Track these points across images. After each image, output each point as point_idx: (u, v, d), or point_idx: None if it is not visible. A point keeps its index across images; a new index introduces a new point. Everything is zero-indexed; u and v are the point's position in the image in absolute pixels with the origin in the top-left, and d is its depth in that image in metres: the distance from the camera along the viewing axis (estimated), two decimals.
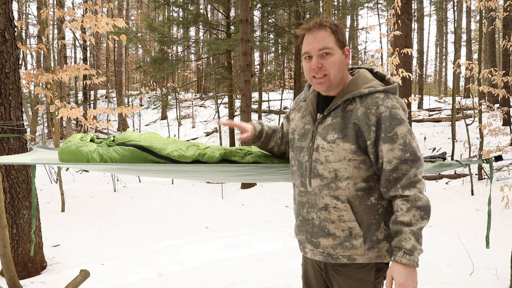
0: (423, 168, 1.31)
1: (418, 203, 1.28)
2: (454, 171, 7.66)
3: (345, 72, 1.41)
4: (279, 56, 17.39)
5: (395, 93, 1.38)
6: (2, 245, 2.68)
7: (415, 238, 1.26)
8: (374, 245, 1.36)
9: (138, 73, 21.70)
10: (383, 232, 1.37)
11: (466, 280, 3.15)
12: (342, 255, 1.38)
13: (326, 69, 1.35)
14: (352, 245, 1.36)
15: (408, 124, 1.33)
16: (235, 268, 3.49)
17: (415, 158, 1.30)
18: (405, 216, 1.27)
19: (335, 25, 1.37)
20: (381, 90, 1.34)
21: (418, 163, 1.30)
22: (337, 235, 1.37)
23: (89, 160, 1.69)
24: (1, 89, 3.11)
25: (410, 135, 1.31)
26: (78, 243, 4.28)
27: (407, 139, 1.30)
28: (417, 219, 1.27)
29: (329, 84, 1.37)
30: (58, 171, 5.97)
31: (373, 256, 1.37)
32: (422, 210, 1.28)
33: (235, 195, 6.91)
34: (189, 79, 24.64)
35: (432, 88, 28.28)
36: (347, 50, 1.39)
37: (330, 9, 4.98)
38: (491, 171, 1.91)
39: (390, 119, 1.30)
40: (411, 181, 1.29)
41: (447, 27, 24.73)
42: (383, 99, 1.32)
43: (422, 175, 1.31)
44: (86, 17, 5.02)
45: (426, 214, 1.28)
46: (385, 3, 15.56)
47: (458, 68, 6.85)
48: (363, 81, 1.38)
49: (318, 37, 1.34)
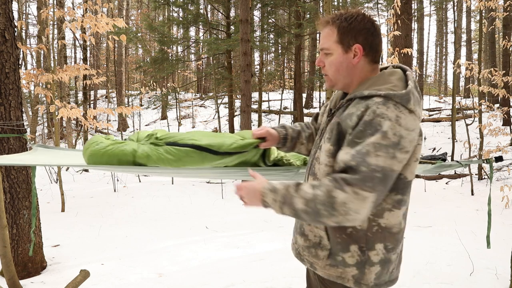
0: (368, 194, 1.04)
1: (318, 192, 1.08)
2: (454, 171, 7.67)
3: (358, 71, 1.26)
4: (279, 56, 17.39)
5: (403, 103, 1.12)
6: (2, 245, 2.68)
7: (285, 192, 1.12)
8: (338, 264, 1.23)
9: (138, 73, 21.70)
10: (355, 257, 1.21)
11: (466, 280, 3.15)
12: (307, 259, 1.33)
13: (326, 69, 1.30)
14: (317, 254, 1.28)
15: (389, 142, 1.07)
16: (235, 268, 3.49)
17: (358, 170, 1.05)
18: (306, 184, 1.13)
19: (345, 20, 1.23)
20: (381, 94, 1.14)
21: (360, 180, 1.04)
22: (309, 238, 1.31)
23: (134, 161, 1.52)
24: (1, 89, 3.11)
25: (375, 149, 1.06)
26: (78, 243, 4.28)
27: (366, 149, 1.06)
28: (305, 197, 1.09)
29: (331, 83, 1.31)
30: (58, 171, 5.97)
31: (333, 274, 1.25)
32: (314, 202, 1.08)
33: (235, 195, 6.91)
34: (189, 79, 24.65)
35: (432, 88, 28.28)
36: (357, 48, 1.22)
37: (330, 9, 4.98)
38: (491, 171, 1.91)
39: (368, 125, 1.09)
40: (340, 185, 1.06)
41: (447, 27, 24.75)
42: (376, 104, 1.11)
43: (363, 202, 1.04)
44: (86, 17, 5.02)
45: (313, 207, 1.08)
46: (385, 3, 15.56)
47: (458, 68, 6.86)
48: (377, 82, 1.22)
49: (322, 35, 1.28)
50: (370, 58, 1.25)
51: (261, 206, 1.18)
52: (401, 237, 1.27)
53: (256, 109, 14.51)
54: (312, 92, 18.05)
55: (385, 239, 1.22)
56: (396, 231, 1.23)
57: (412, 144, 1.12)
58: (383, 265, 1.23)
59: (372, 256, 1.21)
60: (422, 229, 4.70)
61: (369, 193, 1.04)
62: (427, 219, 5.09)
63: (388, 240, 1.22)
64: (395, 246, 1.25)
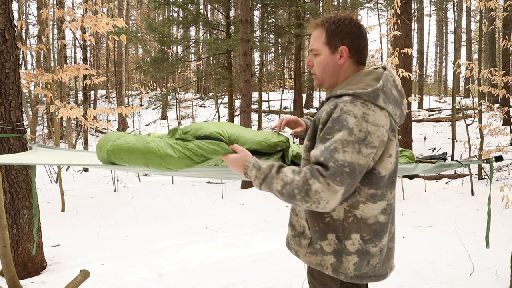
0: (338, 187, 1.12)
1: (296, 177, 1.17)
2: (454, 171, 7.67)
3: (341, 71, 1.35)
4: (279, 56, 17.40)
5: (372, 100, 1.21)
6: (2, 245, 2.68)
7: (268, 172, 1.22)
8: (317, 252, 1.31)
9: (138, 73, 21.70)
10: (332, 246, 1.28)
11: (466, 280, 3.15)
12: (293, 247, 1.42)
13: (314, 69, 1.39)
14: (300, 242, 1.38)
15: (355, 138, 1.15)
16: (235, 268, 3.49)
17: (327, 165, 1.13)
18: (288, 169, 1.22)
19: (334, 23, 1.32)
20: (350, 93, 1.23)
21: (330, 174, 1.12)
22: (295, 228, 1.41)
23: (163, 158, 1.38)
24: (1, 89, 3.11)
25: (342, 145, 1.14)
26: (78, 243, 4.28)
27: (334, 146, 1.14)
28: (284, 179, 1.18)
29: (318, 82, 1.40)
30: (58, 171, 5.97)
31: (314, 262, 1.33)
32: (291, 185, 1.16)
33: (235, 195, 6.91)
34: (189, 79, 24.64)
35: (432, 88, 28.29)
36: (343, 50, 1.31)
37: (330, 9, 4.98)
38: (491, 171, 1.91)
39: (335, 121, 1.18)
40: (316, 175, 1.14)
41: (447, 27, 24.74)
42: (344, 102, 1.20)
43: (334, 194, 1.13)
44: (86, 17, 5.02)
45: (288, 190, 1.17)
46: (385, 3, 15.56)
47: (458, 68, 6.86)
48: (352, 81, 1.31)
49: (312, 36, 1.38)
50: (355, 59, 1.34)
51: (242, 175, 1.32)
52: (380, 231, 1.30)
53: (256, 109, 14.51)
54: (312, 92, 18.05)
55: (361, 229, 1.27)
56: (371, 222, 1.28)
57: (379, 140, 1.19)
58: (361, 256, 1.28)
59: (348, 245, 1.27)
60: (422, 229, 4.70)
61: (339, 187, 1.12)
62: (427, 219, 5.09)
63: (364, 231, 1.28)
64: (372, 238, 1.29)
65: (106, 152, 1.40)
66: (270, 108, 17.03)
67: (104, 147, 1.42)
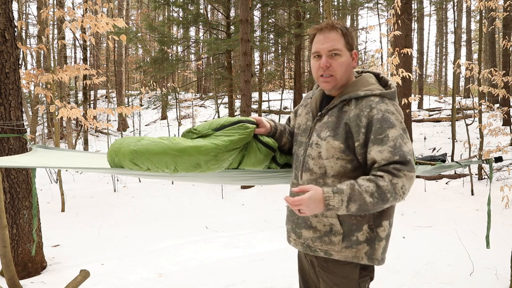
0: (413, 173, 1.29)
1: (381, 183, 1.26)
2: (454, 171, 7.67)
3: (351, 74, 1.46)
4: (279, 56, 17.39)
5: (393, 98, 1.39)
6: (2, 245, 2.68)
7: (351, 191, 1.26)
8: (352, 244, 1.38)
9: (138, 73, 21.70)
10: (365, 235, 1.38)
11: (466, 280, 3.15)
12: (320, 248, 1.42)
13: (334, 70, 1.40)
14: (331, 240, 1.40)
15: (402, 129, 1.32)
16: (235, 268, 3.49)
17: (405, 161, 1.28)
18: (363, 180, 1.28)
19: (346, 28, 1.42)
20: (377, 93, 1.37)
21: (407, 166, 1.28)
22: (318, 229, 1.42)
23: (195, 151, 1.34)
24: (1, 89, 3.11)
25: (402, 139, 1.30)
26: (78, 243, 4.28)
27: (398, 143, 1.29)
28: (369, 190, 1.25)
29: (335, 84, 1.43)
30: (58, 171, 5.97)
31: (349, 255, 1.39)
32: (380, 191, 1.26)
33: (235, 195, 6.91)
34: (189, 79, 24.63)
35: (432, 88, 28.28)
36: (354, 54, 1.44)
37: (330, 9, 4.98)
38: (491, 171, 1.91)
39: (382, 121, 1.31)
40: (396, 173, 1.27)
41: (447, 27, 24.73)
42: (377, 103, 1.34)
43: (412, 180, 1.29)
44: (86, 17, 5.01)
45: (379, 197, 1.25)
46: (385, 3, 15.56)
47: (458, 68, 6.86)
48: (363, 84, 1.42)
49: (329, 38, 1.39)
50: None
51: (323, 210, 1.29)
52: None
53: (256, 109, 14.51)
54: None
55: (390, 215, 1.42)
56: (395, 206, 1.44)
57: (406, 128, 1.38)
58: (387, 239, 1.43)
59: (380, 232, 1.40)
60: (422, 229, 4.70)
61: (413, 173, 1.28)
62: (427, 219, 5.09)
63: (391, 216, 1.43)
64: (393, 221, 1.47)
65: (129, 153, 1.33)
66: (270, 108, 17.02)
67: (124, 150, 1.34)
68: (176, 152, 1.32)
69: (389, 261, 3.37)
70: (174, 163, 1.34)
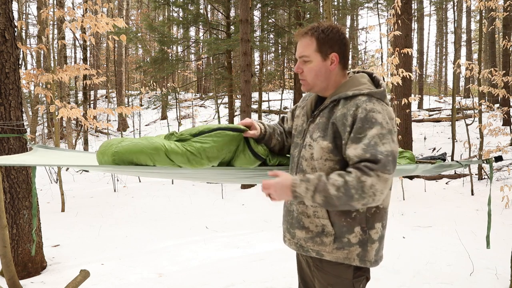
0: (387, 175, 1.24)
1: (348, 178, 1.23)
2: (454, 171, 7.67)
3: (332, 76, 1.44)
4: (279, 56, 17.39)
5: (382, 98, 1.36)
6: (2, 245, 2.68)
7: (317, 181, 1.26)
8: (344, 246, 1.38)
9: (138, 73, 21.70)
10: (358, 237, 1.38)
11: (466, 280, 3.15)
12: (312, 248, 1.44)
13: (304, 75, 1.44)
14: (322, 241, 1.41)
15: (387, 130, 1.28)
16: (235, 268, 3.49)
17: (375, 159, 1.23)
18: (334, 174, 1.28)
19: (322, 31, 1.39)
20: (365, 93, 1.35)
21: (379, 166, 1.23)
22: (310, 229, 1.44)
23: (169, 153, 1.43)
24: (1, 89, 3.11)
25: (380, 138, 1.26)
26: (78, 243, 4.28)
27: (373, 141, 1.26)
28: (335, 184, 1.24)
29: (309, 87, 1.46)
30: (58, 171, 5.97)
31: (341, 256, 1.39)
32: (346, 186, 1.23)
33: (235, 195, 6.91)
34: (189, 79, 24.63)
35: (432, 88, 28.28)
36: (333, 56, 1.41)
37: (330, 9, 4.98)
38: (491, 171, 1.91)
39: (364, 120, 1.29)
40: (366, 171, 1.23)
41: (447, 27, 24.73)
42: (363, 102, 1.33)
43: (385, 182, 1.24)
44: (86, 17, 5.01)
45: (345, 192, 1.23)
46: (385, 3, 15.56)
47: (458, 68, 6.86)
48: (353, 84, 1.41)
49: (301, 44, 1.43)
50: (342, 65, 1.45)
51: (290, 198, 1.31)
52: None
53: (256, 109, 14.51)
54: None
55: (382, 218, 1.42)
56: (387, 209, 1.44)
57: (395, 130, 1.34)
58: (380, 241, 1.43)
59: (373, 234, 1.40)
60: (422, 229, 4.70)
61: (388, 175, 1.24)
62: (427, 219, 5.09)
63: (384, 219, 1.42)
64: (386, 223, 1.46)
65: (111, 155, 1.42)
66: (270, 108, 17.03)
67: (108, 151, 1.43)
68: (152, 151, 1.43)
69: (389, 261, 3.38)
70: (151, 160, 1.44)
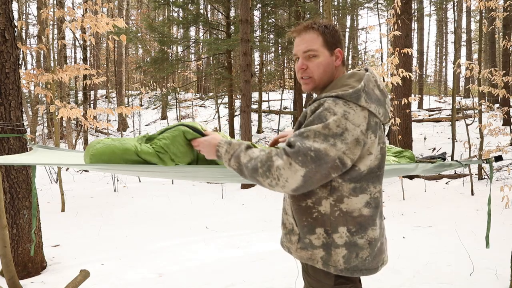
0: (297, 166, 1.16)
1: (261, 152, 1.23)
2: (454, 171, 7.67)
3: (335, 73, 1.40)
4: (279, 56, 17.39)
5: (351, 99, 1.25)
6: (2, 245, 2.68)
7: (238, 147, 1.30)
8: (307, 247, 1.36)
9: (138, 73, 21.71)
10: (321, 239, 1.33)
11: (466, 280, 3.15)
12: (286, 245, 1.48)
13: (311, 71, 1.37)
14: (290, 239, 1.43)
15: (332, 133, 1.19)
16: (235, 268, 3.49)
17: (292, 144, 1.19)
18: (257, 149, 1.28)
19: (325, 27, 1.37)
20: (332, 95, 1.27)
21: (292, 152, 1.17)
22: (286, 226, 1.47)
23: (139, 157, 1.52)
24: (1, 89, 3.11)
25: (316, 135, 1.19)
26: (78, 243, 4.28)
27: (306, 134, 1.20)
28: (251, 154, 1.24)
29: (314, 85, 1.40)
30: (58, 171, 5.97)
31: (305, 256, 1.38)
32: (256, 158, 1.22)
33: (235, 195, 6.91)
34: (189, 79, 24.62)
35: (432, 88, 28.28)
36: (338, 52, 1.38)
37: (330, 9, 4.98)
38: (491, 171, 1.91)
39: (316, 117, 1.23)
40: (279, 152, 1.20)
41: (447, 27, 24.74)
42: (326, 101, 1.25)
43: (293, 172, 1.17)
44: (86, 17, 5.02)
45: (253, 163, 1.22)
46: (385, 3, 15.56)
47: (458, 68, 6.86)
48: (336, 85, 1.35)
49: (304, 39, 1.37)
50: (343, 61, 1.41)
51: (215, 156, 1.36)
52: (365, 223, 1.34)
53: (256, 109, 14.52)
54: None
55: (347, 222, 1.32)
56: (356, 215, 1.33)
57: (353, 138, 1.22)
58: (349, 248, 1.32)
59: (336, 238, 1.32)
60: (422, 229, 4.70)
61: (299, 167, 1.16)
62: (427, 219, 5.09)
63: (350, 224, 1.32)
64: (358, 230, 1.33)
65: (89, 157, 1.51)
66: (270, 108, 17.03)
67: (87, 154, 1.53)
68: (122, 152, 1.51)
69: (389, 261, 3.37)
70: (123, 160, 1.51)
